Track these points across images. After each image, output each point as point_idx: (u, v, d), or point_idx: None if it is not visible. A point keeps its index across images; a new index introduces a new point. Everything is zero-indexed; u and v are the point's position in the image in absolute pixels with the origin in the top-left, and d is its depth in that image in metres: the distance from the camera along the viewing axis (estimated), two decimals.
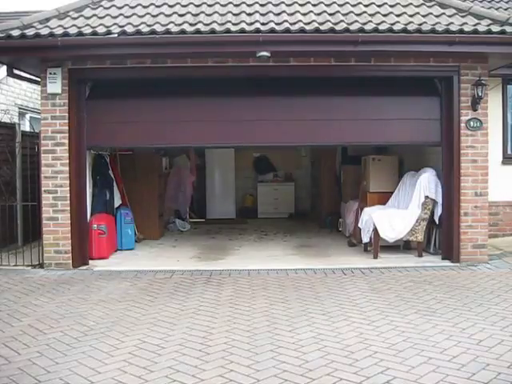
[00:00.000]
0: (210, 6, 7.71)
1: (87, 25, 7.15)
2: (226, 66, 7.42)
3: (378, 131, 7.76)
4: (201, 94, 7.66)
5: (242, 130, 7.73)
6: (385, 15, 7.30)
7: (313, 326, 4.96)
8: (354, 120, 7.72)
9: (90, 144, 7.76)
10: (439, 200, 7.83)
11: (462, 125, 7.50)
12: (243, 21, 7.07)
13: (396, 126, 7.73)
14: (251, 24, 7.01)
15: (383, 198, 8.71)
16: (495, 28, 6.95)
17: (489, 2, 10.42)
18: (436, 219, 7.94)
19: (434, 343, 4.45)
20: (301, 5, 7.63)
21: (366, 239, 8.21)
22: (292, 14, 7.33)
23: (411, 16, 7.31)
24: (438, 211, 7.88)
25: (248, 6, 7.64)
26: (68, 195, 7.45)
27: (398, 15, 7.32)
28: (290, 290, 6.25)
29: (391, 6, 7.61)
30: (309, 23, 7.01)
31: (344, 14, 7.29)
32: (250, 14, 7.34)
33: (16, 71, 8.01)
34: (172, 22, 7.12)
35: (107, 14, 7.45)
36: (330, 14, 7.30)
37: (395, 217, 7.91)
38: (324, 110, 7.74)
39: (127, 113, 7.74)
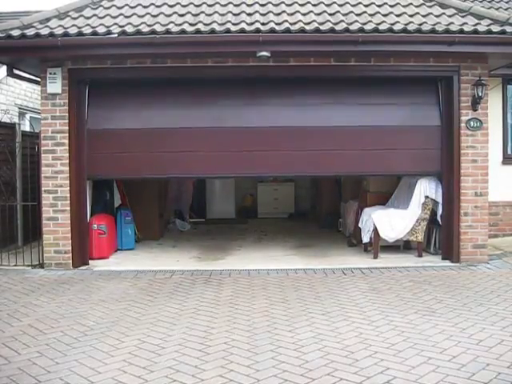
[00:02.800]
0: (210, 5, 7.72)
1: (87, 25, 7.15)
2: (226, 66, 7.42)
3: (377, 161, 7.73)
4: (200, 121, 7.67)
5: (242, 161, 7.70)
6: (385, 15, 7.31)
7: (313, 326, 4.96)
8: (354, 150, 7.70)
9: (90, 173, 7.67)
10: (439, 200, 7.84)
11: (462, 125, 7.51)
12: (243, 21, 7.07)
13: (396, 155, 7.72)
14: (251, 24, 7.02)
15: (383, 198, 8.71)
16: (495, 28, 6.95)
17: (489, 1, 10.42)
18: (438, 219, 7.93)
19: (433, 343, 4.46)
20: (301, 5, 7.63)
21: (366, 239, 8.20)
22: (292, 14, 7.33)
23: (411, 16, 7.31)
24: (439, 211, 7.88)
25: (248, 5, 7.64)
26: (68, 195, 7.45)
27: (398, 15, 7.33)
28: (289, 290, 6.25)
29: (391, 6, 7.61)
30: (309, 23, 7.01)
31: (344, 14, 7.30)
32: (250, 14, 7.34)
33: (16, 71, 8.00)
34: (172, 22, 7.12)
35: (107, 14, 7.45)
36: (330, 14, 7.31)
37: (395, 217, 7.91)
38: (325, 139, 7.70)
39: (126, 143, 7.65)
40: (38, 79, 7.85)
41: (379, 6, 7.61)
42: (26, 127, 11.05)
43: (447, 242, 7.73)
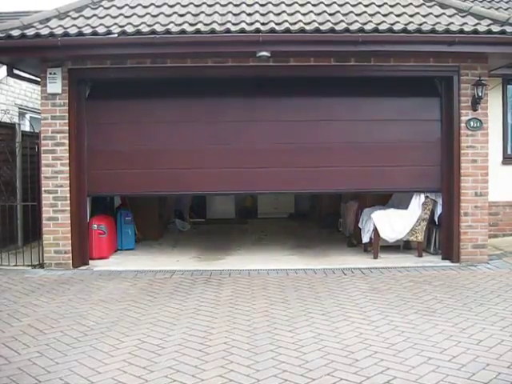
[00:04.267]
0: (210, 5, 7.72)
1: (87, 25, 7.15)
2: (226, 66, 7.42)
3: (377, 178, 7.72)
4: (199, 138, 7.66)
5: (241, 178, 7.70)
6: (385, 15, 7.31)
7: (313, 326, 4.96)
8: (353, 167, 7.69)
9: (91, 191, 7.67)
10: (439, 200, 7.84)
11: (462, 125, 7.51)
12: (243, 21, 7.07)
13: (395, 172, 7.70)
14: (251, 24, 7.02)
15: (383, 198, 8.71)
16: (495, 28, 6.95)
17: (489, 1, 10.42)
18: (436, 219, 7.93)
19: (433, 343, 4.46)
20: (301, 5, 7.63)
21: (366, 239, 8.20)
22: (292, 14, 7.33)
23: (411, 16, 7.32)
24: (438, 211, 7.88)
25: (248, 5, 7.64)
26: (68, 195, 7.46)
27: (398, 15, 7.33)
28: (289, 290, 6.25)
29: (391, 6, 7.61)
30: (309, 23, 7.01)
31: (344, 14, 7.30)
32: (250, 14, 7.34)
33: (16, 71, 8.01)
34: (172, 22, 7.12)
35: (107, 14, 7.45)
36: (330, 14, 7.31)
37: (395, 217, 7.91)
38: (325, 156, 7.68)
39: (128, 161, 7.66)
40: (38, 79, 7.85)
41: (379, 6, 7.61)
42: (26, 127, 11.05)
43: (447, 241, 7.73)
